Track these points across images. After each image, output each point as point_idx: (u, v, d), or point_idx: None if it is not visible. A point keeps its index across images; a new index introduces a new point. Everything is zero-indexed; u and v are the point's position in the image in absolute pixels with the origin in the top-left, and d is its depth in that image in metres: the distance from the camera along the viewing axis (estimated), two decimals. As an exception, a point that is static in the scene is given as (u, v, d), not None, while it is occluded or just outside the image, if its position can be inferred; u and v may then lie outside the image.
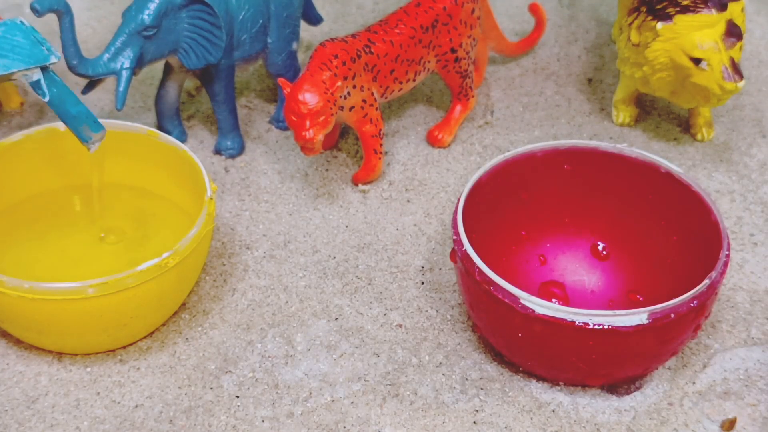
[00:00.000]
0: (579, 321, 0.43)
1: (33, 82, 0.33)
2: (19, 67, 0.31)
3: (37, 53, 0.32)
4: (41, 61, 0.32)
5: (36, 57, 0.32)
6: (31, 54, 0.32)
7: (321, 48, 0.58)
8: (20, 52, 0.31)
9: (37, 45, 0.32)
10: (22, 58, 0.31)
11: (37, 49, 0.32)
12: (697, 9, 0.59)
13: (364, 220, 0.61)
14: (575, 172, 0.54)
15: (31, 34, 0.32)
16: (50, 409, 0.49)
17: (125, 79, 0.55)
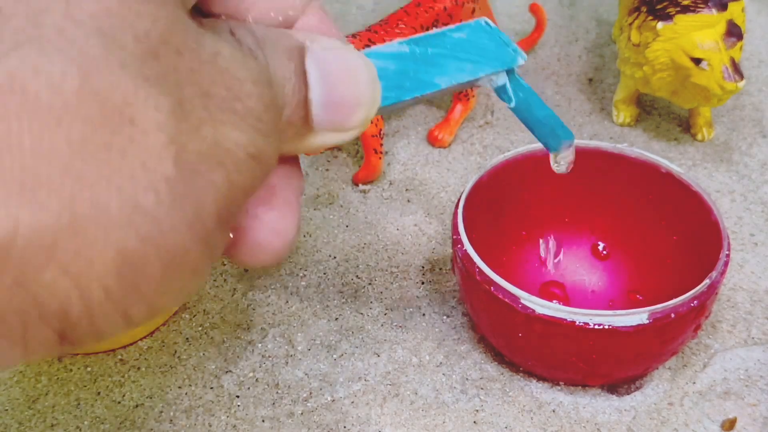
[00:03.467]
0: (579, 321, 0.43)
1: (498, 86, 0.30)
2: (487, 71, 0.29)
3: (503, 55, 0.29)
4: (509, 64, 0.29)
5: (503, 59, 0.29)
6: (497, 56, 0.29)
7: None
8: (487, 54, 0.29)
9: (503, 46, 0.29)
10: (489, 62, 0.29)
11: (503, 50, 0.29)
12: (697, 9, 0.59)
13: (364, 220, 0.61)
14: (575, 172, 0.54)
15: (497, 35, 0.29)
16: (50, 408, 0.49)
17: None
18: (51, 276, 0.17)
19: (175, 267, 0.18)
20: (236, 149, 0.19)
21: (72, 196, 0.17)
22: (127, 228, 0.17)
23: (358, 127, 0.24)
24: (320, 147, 0.24)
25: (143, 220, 0.17)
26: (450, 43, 0.28)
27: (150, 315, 0.19)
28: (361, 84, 0.24)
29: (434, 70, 0.28)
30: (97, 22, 0.17)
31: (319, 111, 0.23)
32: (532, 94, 0.32)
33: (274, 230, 0.24)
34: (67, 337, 0.18)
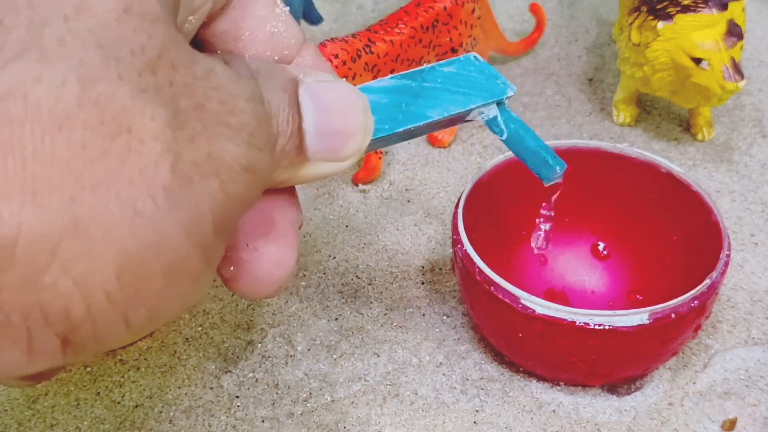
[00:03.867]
0: (579, 321, 0.43)
1: (489, 119, 0.31)
2: (477, 103, 0.29)
3: (492, 87, 0.30)
4: (498, 96, 0.30)
5: (493, 92, 0.30)
6: (488, 89, 0.30)
7: (321, 48, 0.58)
8: (477, 87, 0.29)
9: (492, 79, 0.30)
10: (480, 94, 0.29)
11: (492, 83, 0.30)
12: (697, 9, 0.59)
13: (364, 220, 0.61)
14: (576, 171, 0.54)
15: (485, 68, 0.30)
16: (50, 409, 0.49)
17: None
18: (53, 277, 0.17)
19: (175, 273, 0.19)
20: (231, 160, 0.20)
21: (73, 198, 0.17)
22: (127, 231, 0.18)
23: (351, 157, 0.25)
24: (315, 177, 0.25)
25: (142, 224, 0.18)
26: (441, 77, 0.29)
27: (151, 322, 0.19)
28: (354, 114, 0.25)
29: (426, 103, 0.28)
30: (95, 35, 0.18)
31: (313, 140, 0.23)
32: (523, 126, 0.33)
33: (274, 262, 0.24)
34: (70, 343, 0.18)
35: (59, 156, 0.17)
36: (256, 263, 0.24)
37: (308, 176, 0.24)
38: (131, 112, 0.18)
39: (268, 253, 0.24)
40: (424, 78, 0.29)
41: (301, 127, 0.23)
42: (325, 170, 0.24)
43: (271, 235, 0.25)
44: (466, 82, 0.29)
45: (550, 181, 0.34)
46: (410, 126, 0.27)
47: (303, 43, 0.27)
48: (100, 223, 0.17)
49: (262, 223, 0.25)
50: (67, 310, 0.17)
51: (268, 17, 0.26)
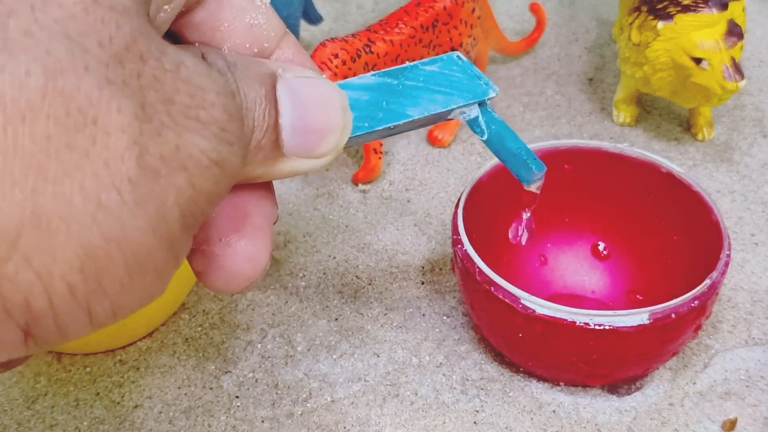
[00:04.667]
0: (580, 321, 0.43)
1: (471, 119, 0.30)
2: (458, 103, 0.29)
3: (475, 88, 0.30)
4: (480, 96, 0.30)
5: (475, 92, 0.29)
6: (469, 89, 0.29)
7: (321, 48, 0.58)
8: (459, 87, 0.29)
9: (474, 79, 0.30)
10: (461, 94, 0.29)
11: (474, 83, 0.30)
12: (698, 8, 0.59)
13: (364, 220, 0.61)
14: (576, 172, 0.54)
15: (468, 68, 0.30)
16: (50, 409, 0.49)
17: None
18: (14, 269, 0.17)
19: (139, 267, 0.19)
20: (199, 155, 0.19)
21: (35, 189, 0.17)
22: (90, 225, 0.17)
23: (329, 154, 0.24)
24: (291, 173, 0.24)
25: (106, 218, 0.18)
26: (422, 76, 0.29)
27: (114, 315, 0.19)
28: (332, 110, 0.24)
29: (406, 102, 0.28)
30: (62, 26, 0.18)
31: (290, 136, 0.23)
32: (504, 127, 0.33)
33: (246, 257, 0.24)
34: (32, 335, 0.18)
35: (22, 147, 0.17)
36: (228, 258, 0.24)
37: (284, 172, 0.24)
38: (97, 103, 0.18)
39: (241, 248, 0.24)
40: (405, 76, 0.29)
41: (278, 122, 0.23)
42: (302, 166, 0.24)
43: (244, 230, 0.24)
44: (448, 81, 0.29)
45: (529, 184, 0.35)
46: (390, 124, 0.27)
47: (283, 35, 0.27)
48: (63, 216, 0.17)
49: (235, 218, 0.24)
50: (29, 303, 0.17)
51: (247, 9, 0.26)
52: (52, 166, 0.17)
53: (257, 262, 0.24)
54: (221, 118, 0.20)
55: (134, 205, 0.18)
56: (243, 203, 0.25)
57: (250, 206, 0.25)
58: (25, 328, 0.18)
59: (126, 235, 0.18)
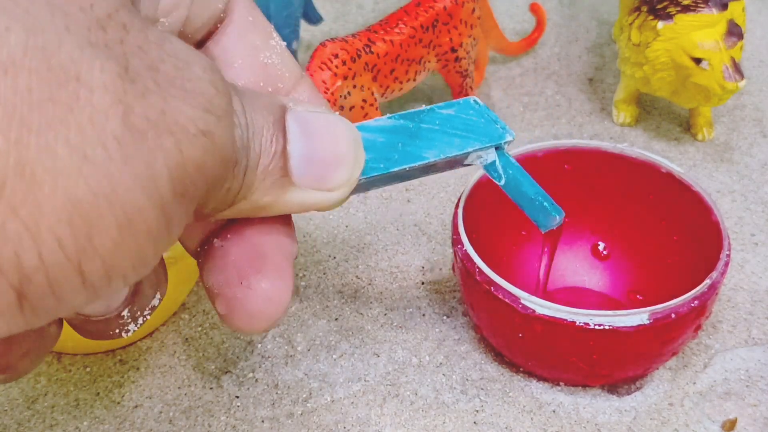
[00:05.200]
0: (579, 321, 0.43)
1: (488, 164, 0.30)
2: (475, 146, 0.29)
3: (491, 132, 0.29)
4: (496, 140, 0.29)
5: (491, 136, 0.29)
6: (486, 133, 0.29)
7: (321, 48, 0.58)
8: (475, 131, 0.29)
9: (491, 123, 0.30)
10: (478, 137, 0.29)
11: (491, 127, 0.29)
12: (698, 8, 0.59)
13: (364, 220, 0.61)
14: (575, 172, 0.54)
15: (485, 113, 0.30)
16: (50, 409, 0.49)
17: None
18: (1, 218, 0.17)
19: (131, 227, 0.18)
20: (186, 122, 0.19)
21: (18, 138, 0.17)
22: (77, 177, 0.17)
23: (341, 188, 0.24)
24: (302, 205, 0.24)
25: (93, 171, 0.18)
26: (439, 119, 0.29)
27: (108, 278, 0.19)
28: (343, 143, 0.24)
29: (422, 144, 0.28)
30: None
31: (300, 165, 0.23)
32: (521, 172, 0.32)
33: (267, 299, 0.24)
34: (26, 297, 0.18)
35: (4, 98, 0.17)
36: (250, 301, 0.24)
37: (294, 203, 0.24)
38: (79, 61, 0.18)
39: (262, 290, 0.24)
40: (422, 119, 0.29)
41: (286, 149, 0.23)
42: (313, 199, 0.24)
43: (263, 272, 0.24)
44: (465, 125, 0.29)
45: (547, 229, 0.34)
46: (405, 166, 0.27)
47: (300, 78, 0.27)
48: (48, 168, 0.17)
49: (254, 259, 0.24)
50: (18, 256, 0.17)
51: (261, 47, 0.26)
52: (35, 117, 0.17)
53: (279, 302, 0.24)
54: (208, 91, 0.20)
55: (122, 162, 0.18)
56: (262, 243, 0.25)
57: (268, 245, 0.25)
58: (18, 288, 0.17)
59: (115, 191, 0.18)
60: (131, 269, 0.19)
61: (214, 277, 0.25)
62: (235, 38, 0.26)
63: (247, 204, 0.23)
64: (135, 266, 0.19)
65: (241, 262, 0.24)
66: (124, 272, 0.19)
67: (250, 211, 0.24)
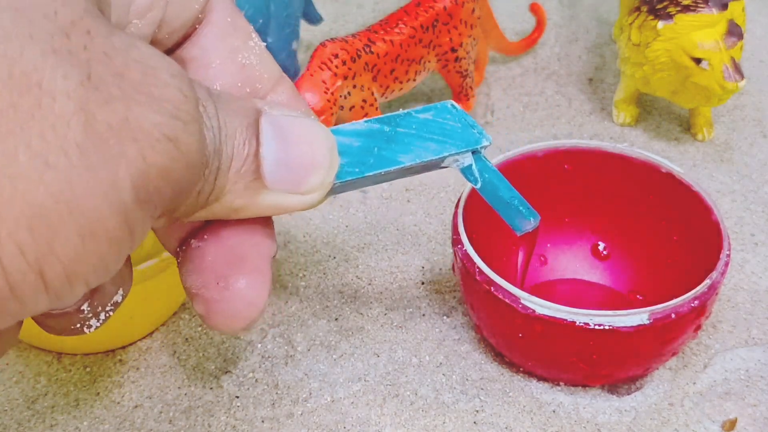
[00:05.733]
0: (579, 321, 0.43)
1: (464, 167, 0.31)
2: (451, 151, 0.29)
3: (468, 136, 0.30)
4: (473, 145, 0.30)
5: (468, 140, 0.30)
6: (463, 137, 0.29)
7: (321, 48, 0.58)
8: (452, 135, 0.29)
9: (468, 128, 0.30)
10: (454, 142, 0.29)
11: (467, 132, 0.30)
12: (698, 8, 0.59)
13: (364, 220, 0.61)
14: (575, 172, 0.54)
15: (462, 117, 0.30)
16: (50, 409, 0.49)
17: None
18: None
19: (92, 234, 0.18)
20: (150, 128, 0.19)
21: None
22: (38, 184, 0.17)
23: (315, 192, 0.24)
24: (276, 208, 0.24)
25: (55, 178, 0.18)
26: (415, 124, 0.29)
27: (70, 283, 0.19)
28: (317, 147, 0.24)
29: (398, 148, 0.28)
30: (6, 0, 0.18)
31: (273, 169, 0.23)
32: (498, 176, 0.33)
33: (244, 300, 0.24)
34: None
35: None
36: (227, 301, 0.24)
37: (267, 205, 0.24)
38: (42, 68, 0.18)
39: (239, 291, 0.24)
40: (398, 123, 0.29)
41: (259, 152, 0.23)
42: (287, 202, 0.24)
43: (240, 273, 0.24)
44: (441, 129, 0.29)
45: (522, 232, 0.35)
46: (380, 170, 0.27)
47: (279, 79, 0.27)
48: (9, 174, 0.17)
49: (231, 260, 0.24)
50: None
51: (240, 48, 0.26)
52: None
53: (256, 303, 0.24)
54: (175, 97, 0.20)
55: (84, 170, 0.18)
56: (239, 244, 0.25)
57: (246, 246, 0.25)
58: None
59: (76, 198, 0.18)
60: (93, 275, 0.19)
61: (191, 278, 0.25)
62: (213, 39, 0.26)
63: (220, 206, 0.23)
64: (97, 272, 0.19)
65: (218, 263, 0.24)
66: (86, 278, 0.19)
67: (223, 213, 0.24)
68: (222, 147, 0.22)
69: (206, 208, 0.23)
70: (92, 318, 0.25)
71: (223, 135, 0.22)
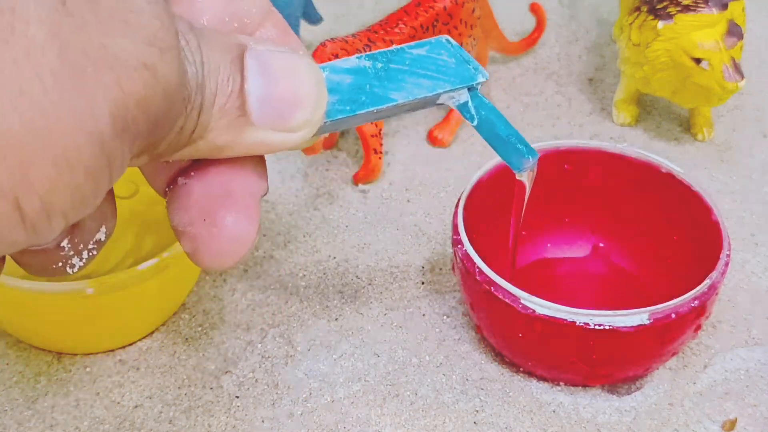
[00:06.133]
0: (580, 321, 0.43)
1: (460, 104, 0.30)
2: (446, 88, 0.28)
3: (463, 72, 0.29)
4: (468, 81, 0.29)
5: (463, 77, 0.29)
6: (457, 73, 0.29)
7: (321, 48, 0.58)
8: (446, 71, 0.28)
9: (463, 64, 0.29)
10: (449, 79, 0.28)
11: (463, 68, 0.29)
12: (698, 8, 0.59)
13: (364, 220, 0.61)
14: (576, 172, 0.54)
15: (458, 53, 0.29)
16: (50, 409, 0.49)
17: None
18: None
19: (68, 164, 0.18)
20: (126, 56, 0.19)
21: None
22: (11, 111, 0.17)
23: (302, 129, 0.24)
24: (262, 146, 0.24)
25: (29, 106, 0.17)
26: (409, 60, 0.28)
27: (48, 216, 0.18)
28: (304, 83, 0.24)
29: (391, 86, 0.27)
30: None
31: (257, 104, 0.23)
32: (495, 113, 0.32)
33: (231, 236, 0.24)
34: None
35: None
36: (213, 238, 0.24)
37: (253, 143, 0.23)
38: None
39: (225, 228, 0.24)
40: (391, 59, 0.28)
41: (244, 88, 0.22)
42: (273, 139, 0.24)
43: (227, 209, 0.24)
44: (436, 65, 0.28)
45: (521, 170, 0.34)
46: (372, 108, 0.27)
47: (267, 13, 0.26)
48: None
49: (218, 197, 0.24)
50: None
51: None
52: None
53: (243, 239, 0.24)
54: (151, 25, 0.20)
55: (58, 98, 0.18)
56: (226, 181, 0.24)
57: (234, 183, 0.24)
58: None
59: (50, 126, 0.18)
60: (71, 207, 0.19)
61: (178, 215, 0.24)
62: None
63: (205, 144, 0.23)
64: (75, 204, 0.19)
65: (204, 200, 0.24)
66: (64, 210, 0.19)
67: (208, 151, 0.23)
68: (205, 82, 0.22)
69: (190, 145, 0.22)
70: (74, 257, 0.24)
71: (206, 70, 0.22)
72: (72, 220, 0.19)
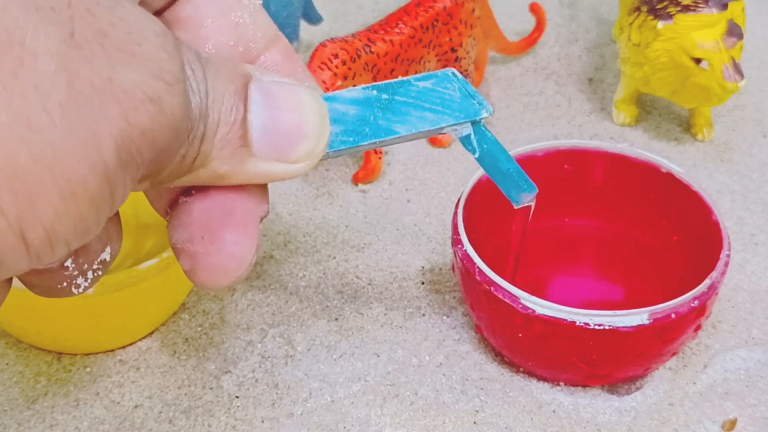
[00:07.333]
0: (579, 321, 0.43)
1: (463, 137, 0.30)
2: (449, 122, 0.29)
3: (468, 107, 0.29)
4: (472, 116, 0.29)
5: (467, 112, 0.29)
6: (462, 108, 0.29)
7: (321, 48, 0.58)
8: (451, 106, 0.29)
9: (468, 98, 0.29)
10: (452, 113, 0.29)
11: (467, 102, 0.29)
12: (698, 8, 0.59)
13: (364, 220, 0.61)
14: (575, 172, 0.54)
15: (463, 86, 0.29)
16: (50, 409, 0.49)
17: None
18: None
19: (73, 195, 0.18)
20: (133, 89, 0.19)
21: None
22: (19, 144, 0.17)
23: (303, 161, 0.24)
24: (263, 176, 0.24)
25: (36, 139, 0.17)
26: (415, 92, 0.28)
27: (51, 244, 0.19)
28: (307, 115, 0.24)
29: (395, 118, 0.28)
30: None
31: (260, 135, 0.23)
32: (497, 146, 0.32)
33: (229, 255, 0.24)
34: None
35: None
36: (212, 256, 0.24)
37: (254, 173, 0.24)
38: (24, 26, 0.17)
39: (224, 246, 0.24)
40: (396, 92, 0.28)
41: (246, 118, 0.23)
42: (274, 170, 0.24)
43: (226, 227, 0.24)
44: (440, 99, 0.29)
45: (519, 205, 0.35)
46: (375, 140, 0.27)
47: (273, 38, 0.26)
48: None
49: (218, 215, 0.24)
50: None
51: (233, 6, 0.26)
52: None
53: (241, 259, 0.24)
54: (159, 57, 0.20)
55: (66, 130, 0.18)
56: (228, 201, 0.24)
57: (235, 204, 0.24)
58: None
59: (57, 158, 0.18)
60: (74, 236, 0.19)
61: (177, 232, 0.25)
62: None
63: (206, 172, 0.23)
64: (78, 233, 0.19)
65: (205, 218, 0.24)
66: (67, 239, 0.19)
67: (209, 179, 0.23)
68: (208, 112, 0.22)
69: (191, 173, 0.23)
70: (79, 276, 0.24)
71: (210, 99, 0.22)
72: (74, 247, 0.19)
